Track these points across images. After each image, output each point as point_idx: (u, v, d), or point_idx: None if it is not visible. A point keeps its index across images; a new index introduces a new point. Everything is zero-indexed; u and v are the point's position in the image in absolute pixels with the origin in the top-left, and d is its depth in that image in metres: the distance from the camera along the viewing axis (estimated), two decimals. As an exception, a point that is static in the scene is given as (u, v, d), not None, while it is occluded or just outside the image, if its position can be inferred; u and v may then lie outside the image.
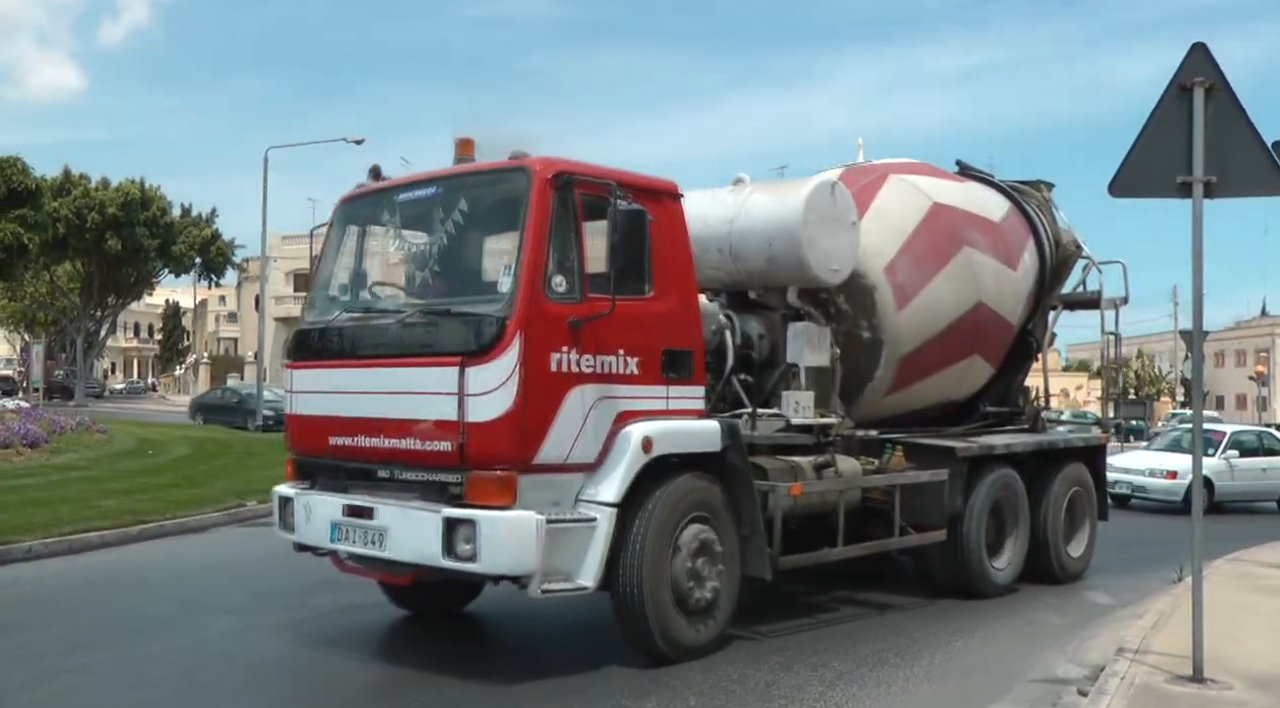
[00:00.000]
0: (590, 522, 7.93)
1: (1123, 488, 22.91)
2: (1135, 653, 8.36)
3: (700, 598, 8.51)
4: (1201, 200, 7.71)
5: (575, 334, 7.92)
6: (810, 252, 10.13)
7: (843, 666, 8.55)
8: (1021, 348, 13.39)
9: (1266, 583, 12.00)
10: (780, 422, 10.15)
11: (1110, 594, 12.18)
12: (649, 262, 8.48)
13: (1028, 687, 8.18)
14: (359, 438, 8.41)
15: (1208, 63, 7.67)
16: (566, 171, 8.11)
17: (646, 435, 8.22)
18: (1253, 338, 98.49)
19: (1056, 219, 13.59)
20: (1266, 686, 7.55)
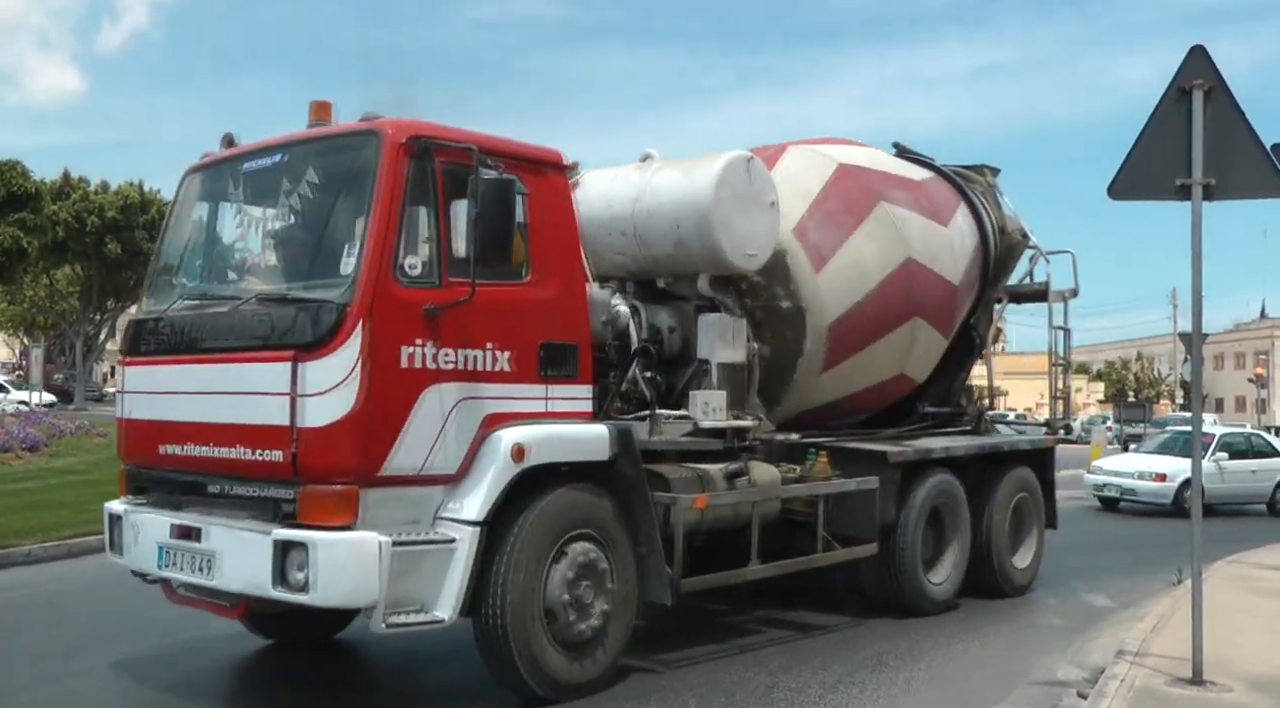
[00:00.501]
0: (448, 543, 6.91)
1: (1112, 491, 22.93)
2: (1135, 655, 8.36)
3: (583, 629, 7.52)
4: (1201, 203, 7.72)
5: (432, 324, 6.90)
6: (723, 234, 9.14)
7: (843, 668, 8.56)
8: (964, 343, 12.52)
9: (1266, 585, 12.01)
10: (688, 425, 9.16)
11: (1110, 597, 12.19)
12: (526, 241, 7.55)
13: (1028, 689, 8.20)
14: (189, 446, 7.34)
15: (1207, 65, 7.68)
16: (424, 135, 7.07)
17: (518, 442, 7.19)
18: (1252, 340, 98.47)
19: (1002, 205, 12.84)
20: (1266, 688, 7.55)
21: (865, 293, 10.43)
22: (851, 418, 11.35)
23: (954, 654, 9.32)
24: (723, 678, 8.19)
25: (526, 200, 7.51)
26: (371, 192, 6.91)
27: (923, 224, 11.22)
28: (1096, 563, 14.99)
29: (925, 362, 11.75)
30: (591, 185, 9.47)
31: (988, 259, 12.40)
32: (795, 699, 7.71)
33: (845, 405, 11.05)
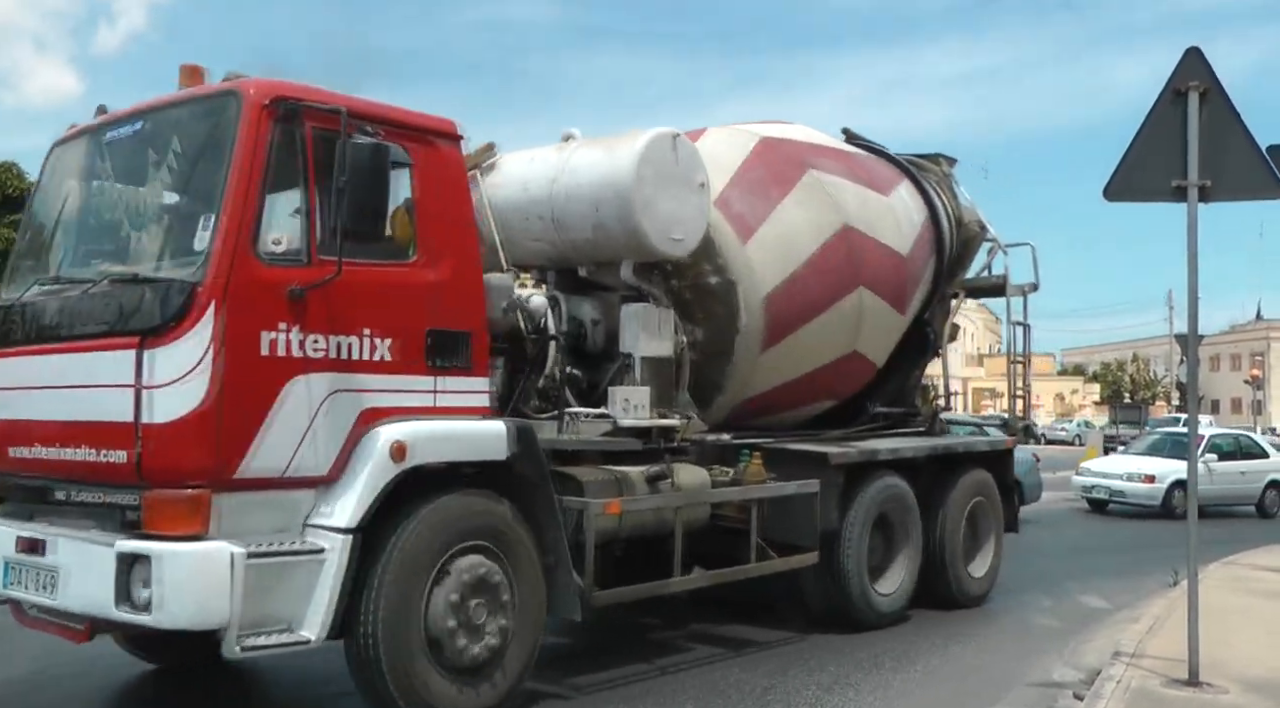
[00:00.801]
0: (316, 554, 6.14)
1: (1100, 493, 22.89)
2: (1131, 657, 8.36)
3: (475, 652, 6.75)
4: (1196, 204, 7.72)
5: (298, 307, 6.14)
6: (645, 217, 8.39)
7: (839, 670, 8.56)
8: (917, 339, 11.91)
9: (1262, 586, 12.01)
10: (607, 424, 8.45)
11: (1105, 598, 12.20)
12: (412, 218, 6.92)
13: (1024, 691, 8.20)
14: (37, 448, 6.61)
15: (1202, 67, 7.69)
16: (290, 97, 6.31)
17: (398, 439, 6.45)
18: (1248, 341, 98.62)
19: (958, 195, 12.20)
20: (1262, 689, 7.55)
21: (801, 262, 9.79)
22: (805, 409, 10.77)
23: (950, 656, 9.31)
24: (719, 680, 8.18)
25: (414, 173, 6.90)
26: (229, 158, 6.17)
27: (858, 191, 10.60)
28: (1091, 565, 15.04)
29: (879, 339, 10.98)
30: (509, 168, 8.88)
31: (941, 246, 11.79)
32: (791, 701, 7.70)
33: (800, 391, 10.39)
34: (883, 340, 11.12)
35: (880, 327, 10.85)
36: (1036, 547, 17.31)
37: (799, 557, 9.40)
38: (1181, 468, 21.37)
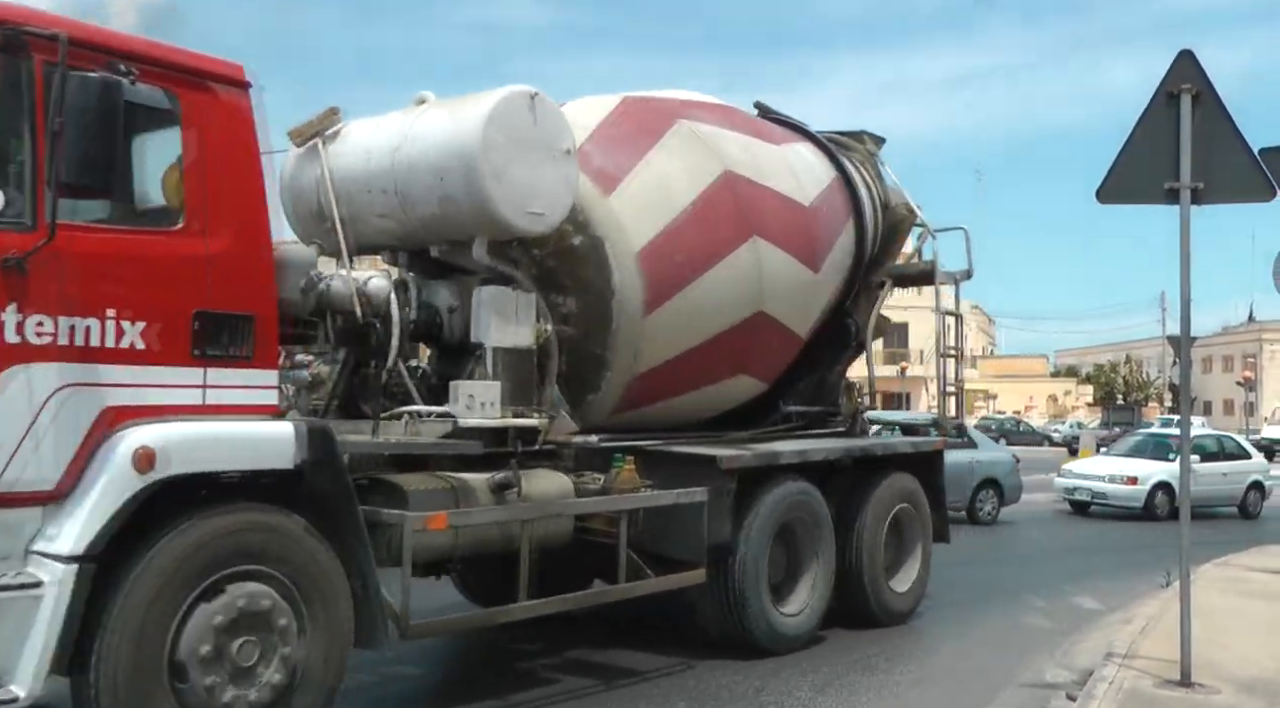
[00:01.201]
0: (29, 589, 4.97)
1: (1083, 494, 22.68)
2: (1124, 658, 8.37)
3: (250, 702, 5.58)
4: (1189, 206, 7.73)
5: (16, 281, 5.02)
6: (496, 187, 7.28)
7: (832, 671, 8.57)
8: (838, 331, 10.87)
9: (1254, 587, 12.02)
10: (449, 424, 7.25)
11: (1098, 599, 12.20)
12: (179, 177, 5.74)
13: (1017, 691, 8.22)
14: None
15: (1194, 69, 7.71)
16: (8, 20, 5.12)
17: (144, 445, 5.28)
18: (1240, 343, 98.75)
19: (884, 176, 11.34)
20: (1254, 689, 7.57)
21: (678, 212, 8.72)
22: (717, 391, 9.54)
23: (943, 657, 9.37)
24: (712, 681, 8.18)
25: (184, 123, 5.74)
26: None
27: (741, 139, 9.58)
28: (1084, 565, 15.06)
29: (791, 299, 9.63)
30: (354, 135, 7.86)
31: (861, 221, 10.72)
32: (784, 702, 7.71)
33: (707, 362, 9.18)
34: (797, 301, 9.75)
35: (788, 284, 9.51)
36: (1029, 548, 17.41)
37: (681, 575, 8.24)
38: (1163, 469, 21.70)
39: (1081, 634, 10.26)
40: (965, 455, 19.70)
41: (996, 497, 20.28)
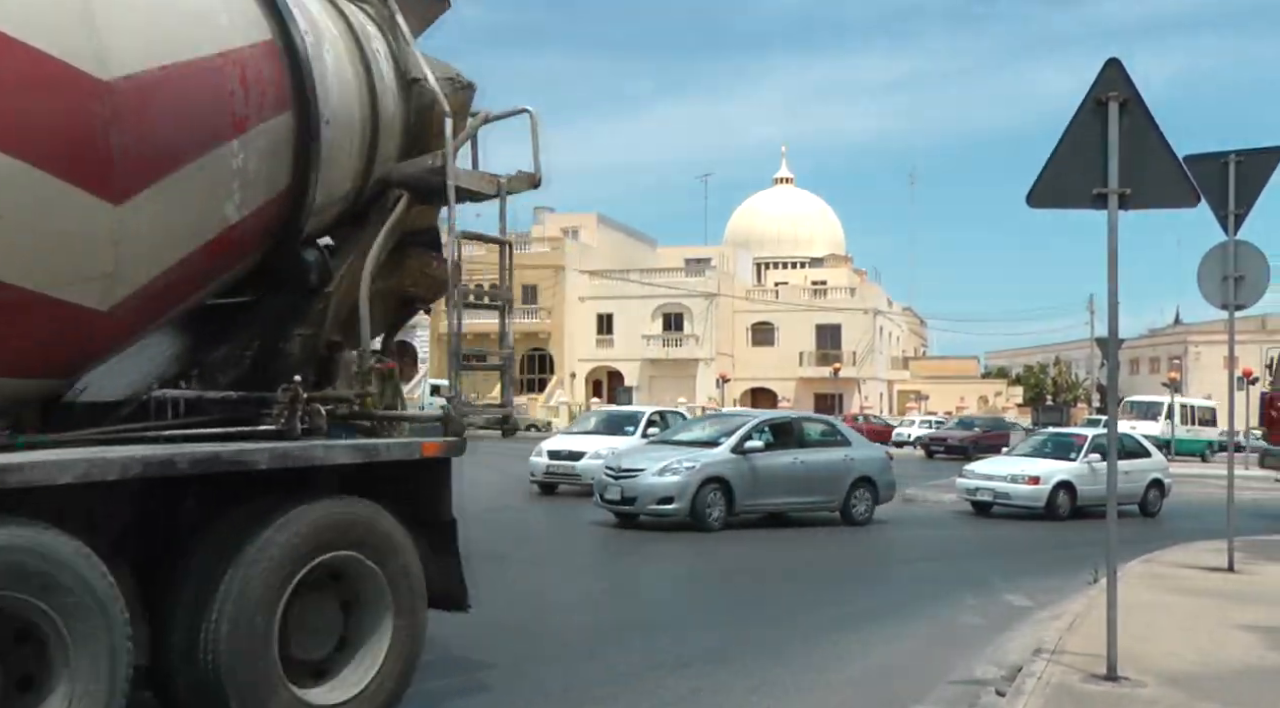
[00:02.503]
0: None
1: (985, 495, 22.40)
2: (1052, 653, 8.51)
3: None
4: (1116, 211, 7.90)
5: None
6: None
7: (766, 672, 8.60)
8: (279, 267, 6.74)
9: (1179, 583, 12.26)
10: None
11: (1028, 597, 12.35)
12: None
13: (947, 688, 8.29)
14: None
15: (1122, 78, 7.89)
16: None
17: None
18: (1166, 345, 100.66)
19: (410, 41, 7.28)
20: (1178, 682, 7.73)
21: None
22: None
23: (876, 656, 9.40)
24: (648, 682, 8.20)
25: None
26: None
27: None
28: (1016, 565, 15.26)
29: (27, 243, 4.99)
30: None
31: (371, 114, 6.89)
32: (719, 703, 7.73)
33: None
34: (43, 246, 5.14)
35: (24, 219, 5.00)
36: (959, 546, 17.61)
37: None
38: (1065, 469, 21.85)
39: (1012, 631, 10.37)
40: (840, 453, 19.95)
41: (870, 496, 20.07)
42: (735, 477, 18.21)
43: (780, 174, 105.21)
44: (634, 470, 18.19)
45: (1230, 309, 13.24)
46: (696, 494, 17.60)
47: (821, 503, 19.61)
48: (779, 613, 10.98)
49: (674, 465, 17.90)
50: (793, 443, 19.54)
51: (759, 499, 18.65)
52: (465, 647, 8.78)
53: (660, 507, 17.74)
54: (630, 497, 17.97)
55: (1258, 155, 12.71)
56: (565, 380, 73.04)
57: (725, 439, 18.83)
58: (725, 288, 76.20)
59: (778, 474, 18.80)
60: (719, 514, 17.83)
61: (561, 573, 14.05)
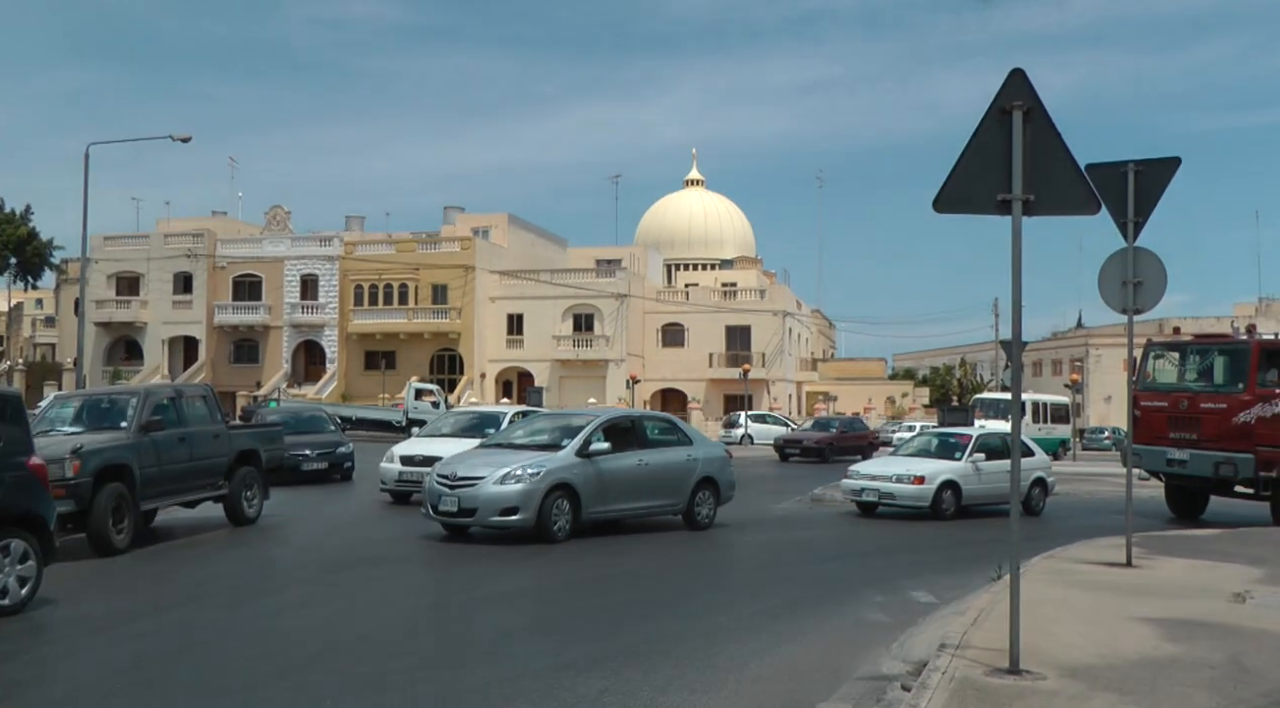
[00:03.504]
0: None
1: (870, 496, 22.12)
2: (956, 648, 8.66)
3: None
4: (1020, 217, 8.10)
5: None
6: None
7: (674, 672, 8.66)
8: None
9: (1080, 578, 12.54)
10: None
11: (934, 593, 12.56)
12: None
13: (854, 684, 8.40)
14: None
15: (1026, 88, 8.07)
16: None
17: None
18: (1068, 348, 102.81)
19: None
20: (1077, 674, 7.94)
21: None
22: None
23: (784, 654, 9.50)
24: (555, 682, 8.25)
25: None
26: None
27: None
28: (924, 560, 15.50)
29: None
30: None
31: None
32: (627, 703, 7.79)
33: None
34: None
35: None
36: (870, 544, 17.80)
37: None
38: (950, 468, 21.91)
39: (917, 627, 10.53)
40: (683, 453, 18.92)
41: (713, 497, 19.16)
42: (582, 482, 16.87)
43: (691, 176, 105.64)
44: (471, 479, 16.51)
45: (1129, 313, 13.60)
46: (542, 503, 16.24)
47: (665, 507, 18.54)
48: (688, 613, 11.06)
49: (517, 472, 16.35)
50: (636, 443, 18.24)
51: (605, 506, 17.41)
52: (349, 659, 8.92)
53: (503, 519, 16.24)
54: (469, 508, 16.34)
55: (1155, 166, 13.07)
56: (475, 381, 72.65)
57: (568, 441, 17.41)
58: (636, 289, 76.30)
59: (623, 478, 17.62)
60: (565, 524, 16.56)
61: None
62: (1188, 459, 20.82)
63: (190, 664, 9.01)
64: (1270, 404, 20.26)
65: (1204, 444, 20.56)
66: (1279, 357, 20.86)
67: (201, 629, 10.33)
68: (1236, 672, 8.21)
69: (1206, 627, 9.88)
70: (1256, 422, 20.17)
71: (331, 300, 74.54)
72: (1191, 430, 20.72)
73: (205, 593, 12.45)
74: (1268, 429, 20.21)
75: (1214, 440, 20.49)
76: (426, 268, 73.58)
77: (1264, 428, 20.19)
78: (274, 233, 77.22)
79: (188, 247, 75.64)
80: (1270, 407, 20.26)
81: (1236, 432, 20.25)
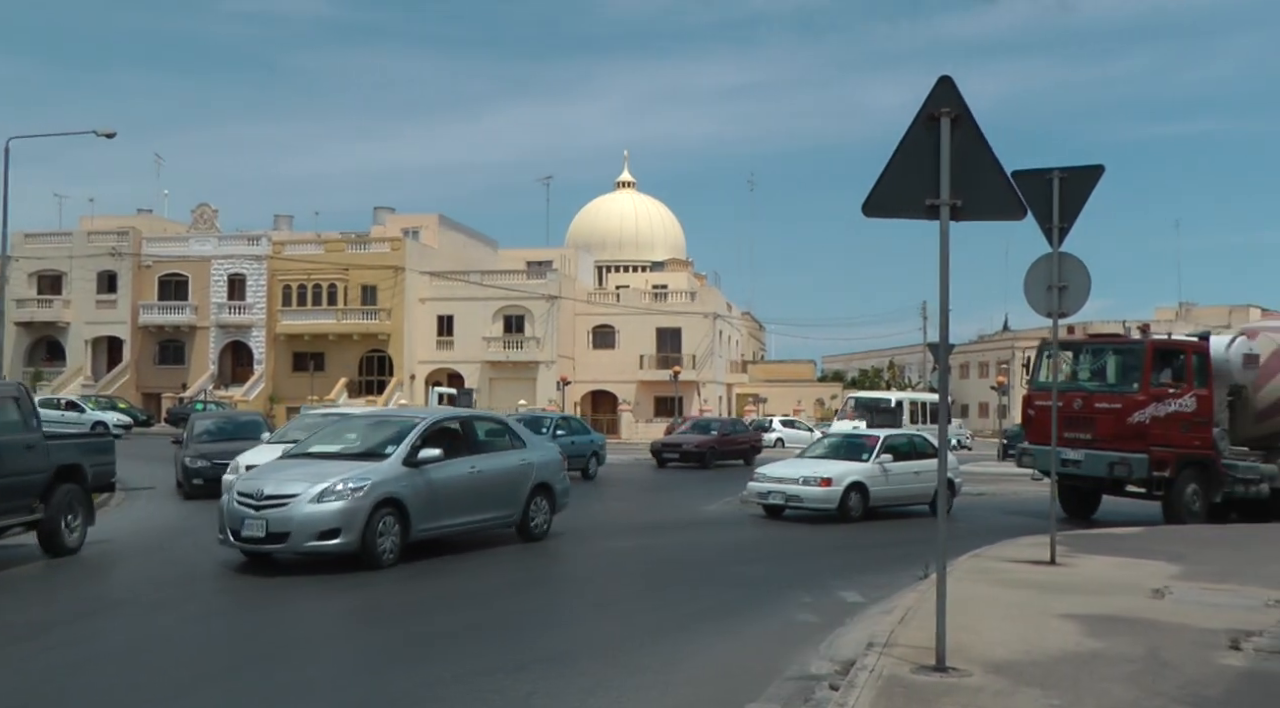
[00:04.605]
0: None
1: (776, 498, 21.75)
2: (884, 647, 8.77)
3: None
4: (948, 222, 8.22)
5: None
6: None
7: (602, 673, 8.70)
8: None
9: (1005, 577, 12.72)
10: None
11: (861, 593, 12.66)
12: None
13: (783, 684, 8.46)
14: None
15: (953, 95, 8.20)
16: None
17: None
18: (995, 351, 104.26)
19: None
20: (1002, 670, 8.08)
21: None
22: None
23: (713, 656, 9.55)
24: (482, 685, 8.26)
25: None
26: None
27: None
28: (849, 560, 15.64)
29: None
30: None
31: None
32: (554, 706, 7.81)
33: None
34: None
35: None
36: (798, 545, 17.92)
37: None
38: (857, 470, 21.72)
39: (845, 627, 10.60)
40: (516, 457, 16.93)
41: (548, 505, 17.38)
42: (411, 496, 14.51)
43: (622, 178, 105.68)
44: (282, 497, 13.73)
45: (1054, 317, 13.85)
46: (368, 522, 13.77)
47: (499, 519, 16.52)
48: (618, 615, 11.09)
49: (336, 487, 13.76)
50: (466, 448, 16.10)
51: (437, 521, 15.14)
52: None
53: (322, 543, 13.60)
54: (280, 532, 13.59)
55: (1080, 173, 13.32)
56: (405, 382, 72.21)
57: (392, 448, 14.96)
58: (566, 291, 76.21)
59: (455, 489, 15.41)
60: (393, 545, 14.13)
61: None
62: (1082, 459, 20.99)
63: None
64: (1164, 404, 20.47)
65: (1098, 444, 20.67)
66: (1172, 356, 21.11)
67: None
68: (1156, 665, 8.40)
69: (1127, 622, 10.09)
70: (1150, 421, 20.38)
71: (259, 301, 73.76)
72: (1086, 430, 20.87)
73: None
74: (1161, 429, 20.42)
75: (1108, 440, 20.63)
76: (356, 268, 73.04)
77: (1157, 428, 20.39)
78: (201, 232, 76.28)
79: (112, 245, 74.46)
80: (1164, 406, 20.47)
81: (1131, 432, 20.44)
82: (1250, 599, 11.49)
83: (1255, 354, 21.61)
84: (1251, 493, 21.70)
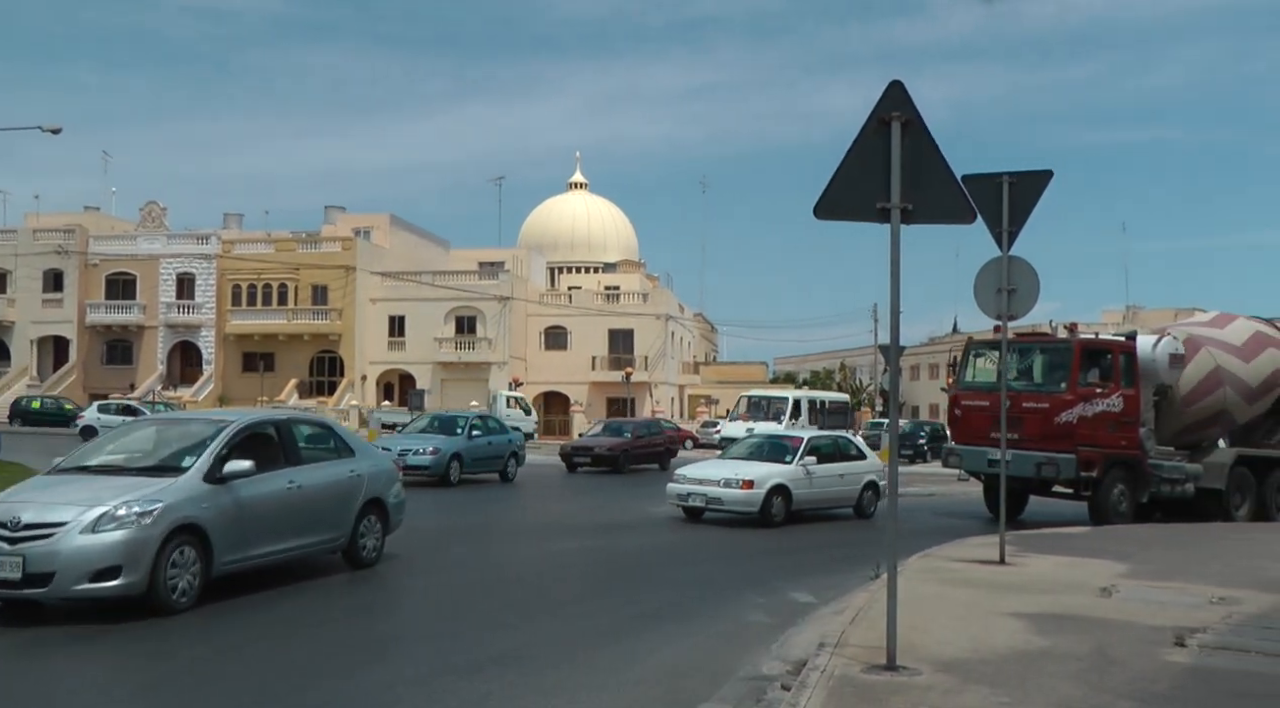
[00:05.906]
0: None
1: (696, 500, 21.01)
2: (835, 647, 8.83)
3: None
4: (899, 225, 8.28)
5: None
6: None
7: (558, 675, 8.70)
8: None
9: (954, 576, 12.83)
10: None
11: (813, 594, 12.71)
12: None
13: (735, 685, 8.49)
14: None
15: (904, 99, 8.27)
16: None
17: None
18: (944, 352, 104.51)
19: None
20: (951, 668, 8.16)
21: None
22: None
23: (666, 656, 9.56)
24: (438, 686, 8.24)
25: None
26: None
27: None
28: (800, 562, 15.71)
29: None
30: None
31: None
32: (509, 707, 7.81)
33: None
34: None
35: None
36: (739, 548, 17.97)
37: None
38: (780, 472, 21.10)
39: (797, 627, 10.65)
40: (344, 468, 14.01)
41: (380, 524, 14.47)
42: (214, 520, 11.44)
43: (574, 179, 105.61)
44: (45, 526, 10.54)
45: (1004, 319, 14.00)
46: (158, 556, 10.70)
47: (324, 543, 13.49)
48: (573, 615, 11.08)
49: (118, 512, 10.65)
50: (284, 459, 12.98)
51: (247, 551, 12.05)
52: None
53: (97, 585, 10.46)
54: (42, 573, 10.36)
55: (1028, 177, 13.49)
56: (356, 383, 71.85)
57: (191, 460, 11.83)
58: (518, 291, 76.11)
59: (271, 509, 12.41)
60: (190, 584, 11.08)
61: None
62: (1010, 459, 20.99)
63: None
64: (1091, 404, 20.55)
65: (1026, 444, 20.36)
66: (1099, 356, 21.21)
67: None
68: (1103, 662, 8.51)
69: (1075, 620, 10.21)
70: (1078, 421, 20.43)
71: (209, 300, 73.15)
72: (1013, 430, 20.60)
73: None
74: (1089, 429, 20.50)
75: (1036, 440, 20.50)
76: (307, 268, 72.61)
77: (1085, 428, 20.46)
78: (149, 230, 75.52)
79: (58, 243, 73.60)
80: (1091, 406, 20.54)
81: (1058, 431, 20.44)
82: (1195, 597, 11.66)
83: (1181, 354, 21.80)
84: (1177, 492, 21.84)
